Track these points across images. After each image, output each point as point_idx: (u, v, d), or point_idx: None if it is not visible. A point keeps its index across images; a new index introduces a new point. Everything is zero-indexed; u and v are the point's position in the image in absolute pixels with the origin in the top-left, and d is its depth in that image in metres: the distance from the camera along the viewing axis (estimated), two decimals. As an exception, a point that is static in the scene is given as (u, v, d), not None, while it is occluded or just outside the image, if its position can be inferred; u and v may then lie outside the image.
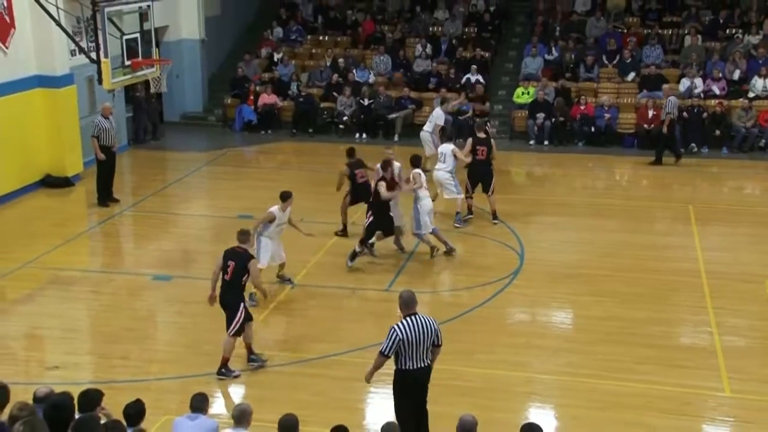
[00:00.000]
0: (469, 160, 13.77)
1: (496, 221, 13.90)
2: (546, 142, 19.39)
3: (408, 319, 7.28)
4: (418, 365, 7.30)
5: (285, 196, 11.10)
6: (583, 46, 21.34)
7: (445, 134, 15.18)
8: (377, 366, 7.47)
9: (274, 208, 11.00)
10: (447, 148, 13.86)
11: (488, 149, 13.88)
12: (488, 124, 17.50)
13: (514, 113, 20.07)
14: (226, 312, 9.09)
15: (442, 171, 13.68)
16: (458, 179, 13.80)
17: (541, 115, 19.33)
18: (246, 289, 9.27)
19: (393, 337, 7.21)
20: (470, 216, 13.97)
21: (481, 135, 14.12)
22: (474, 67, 20.59)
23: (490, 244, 13.18)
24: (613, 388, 8.92)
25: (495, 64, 22.03)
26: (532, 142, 19.46)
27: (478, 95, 17.85)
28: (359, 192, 12.91)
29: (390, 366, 9.41)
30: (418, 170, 12.46)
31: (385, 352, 7.30)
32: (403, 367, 7.32)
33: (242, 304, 9.11)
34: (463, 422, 6.37)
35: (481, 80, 20.55)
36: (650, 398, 8.74)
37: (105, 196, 15.00)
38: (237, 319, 9.00)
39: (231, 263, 9.05)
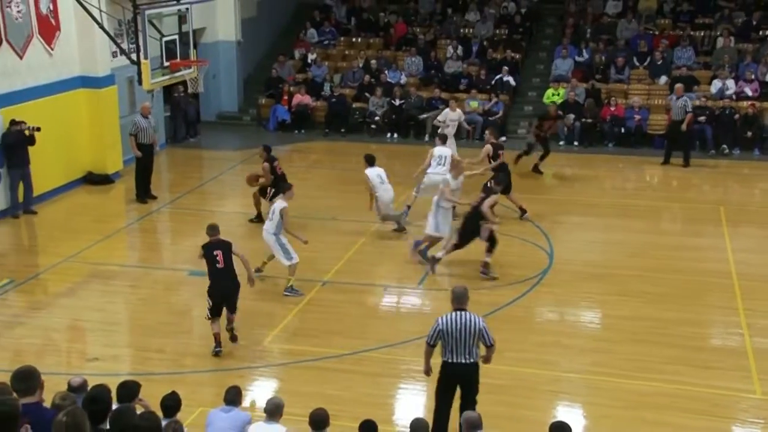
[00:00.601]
0: (480, 170, 13.56)
1: (526, 215, 13.84)
2: (576, 143, 19.25)
3: (453, 313, 7.41)
4: (458, 360, 7.37)
5: (287, 187, 11.37)
6: (614, 47, 21.13)
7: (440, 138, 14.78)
8: (425, 355, 7.61)
9: (284, 204, 11.00)
10: (446, 151, 13.76)
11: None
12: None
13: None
14: (230, 297, 9.54)
15: (439, 175, 13.08)
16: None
17: (571, 116, 19.19)
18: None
19: (434, 327, 7.41)
20: None
21: (494, 140, 14.03)
22: (505, 68, 20.52)
23: (520, 243, 13.11)
24: (641, 387, 8.83)
25: (525, 65, 21.92)
26: (561, 142, 19.33)
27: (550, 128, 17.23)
28: (278, 183, 13.16)
29: (418, 363, 9.46)
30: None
31: (428, 341, 7.48)
32: (444, 359, 7.46)
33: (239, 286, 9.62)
34: (468, 418, 6.37)
35: (512, 81, 20.49)
36: (679, 398, 8.63)
37: (143, 192, 15.19)
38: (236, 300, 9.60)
39: (218, 252, 9.44)
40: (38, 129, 13.99)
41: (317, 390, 8.68)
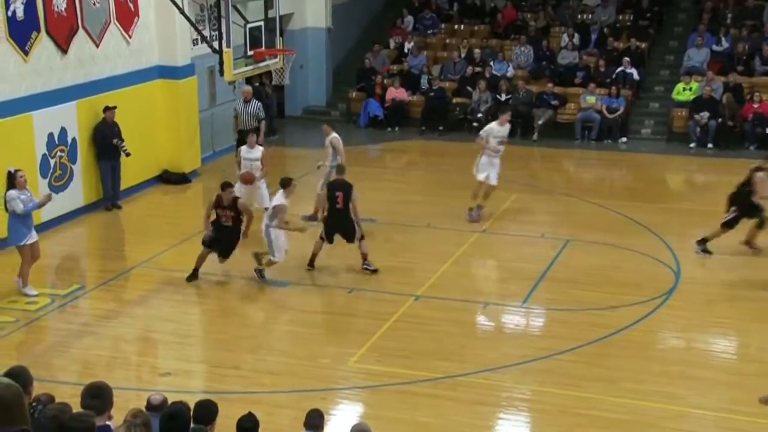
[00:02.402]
0: None
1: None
2: (710, 145, 18.73)
3: None
4: None
5: (286, 183, 11.74)
6: (760, 34, 20.43)
7: None
8: None
9: (283, 199, 11.56)
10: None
11: None
12: None
13: (674, 111, 19.48)
14: (346, 232, 11.89)
15: None
16: None
17: (705, 114, 18.66)
18: None
19: None
20: None
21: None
22: (626, 59, 20.12)
23: (641, 258, 12.79)
24: (788, 431, 8.45)
25: (652, 56, 21.45)
26: (692, 144, 18.85)
27: None
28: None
29: (521, 390, 9.33)
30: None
31: None
32: None
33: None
34: None
35: (636, 74, 20.05)
36: None
37: None
38: (359, 230, 11.88)
39: (339, 194, 11.75)
40: (128, 154, 14.77)
41: (407, 416, 8.69)
